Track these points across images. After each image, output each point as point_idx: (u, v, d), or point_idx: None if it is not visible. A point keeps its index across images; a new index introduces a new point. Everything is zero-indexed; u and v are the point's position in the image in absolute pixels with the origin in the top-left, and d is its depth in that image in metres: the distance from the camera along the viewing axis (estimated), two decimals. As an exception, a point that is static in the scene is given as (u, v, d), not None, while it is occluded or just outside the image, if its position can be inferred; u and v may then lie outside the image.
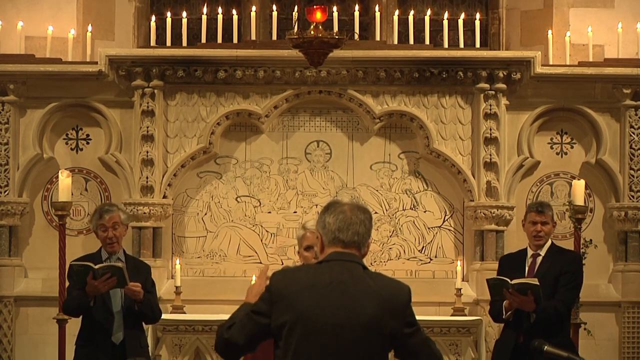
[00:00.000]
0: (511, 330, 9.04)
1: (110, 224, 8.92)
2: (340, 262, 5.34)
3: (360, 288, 5.31)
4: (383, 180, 11.24)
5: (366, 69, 10.98)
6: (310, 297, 5.27)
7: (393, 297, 5.36)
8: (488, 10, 11.91)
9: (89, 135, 11.21)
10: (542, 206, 9.15)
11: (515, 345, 8.92)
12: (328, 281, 5.30)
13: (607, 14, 11.34)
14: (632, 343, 10.99)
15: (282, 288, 5.31)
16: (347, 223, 5.36)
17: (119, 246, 9.00)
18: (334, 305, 5.25)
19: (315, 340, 5.24)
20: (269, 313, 5.29)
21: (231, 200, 11.23)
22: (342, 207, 5.40)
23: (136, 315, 8.92)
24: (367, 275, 5.38)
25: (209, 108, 11.07)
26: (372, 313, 5.26)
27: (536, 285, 8.71)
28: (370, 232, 5.41)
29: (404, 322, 5.34)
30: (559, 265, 9.05)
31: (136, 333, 8.94)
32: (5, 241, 11.02)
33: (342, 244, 5.35)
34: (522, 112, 11.12)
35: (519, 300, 8.78)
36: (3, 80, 10.96)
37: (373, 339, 5.27)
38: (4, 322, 10.95)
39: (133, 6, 11.83)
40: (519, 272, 8.97)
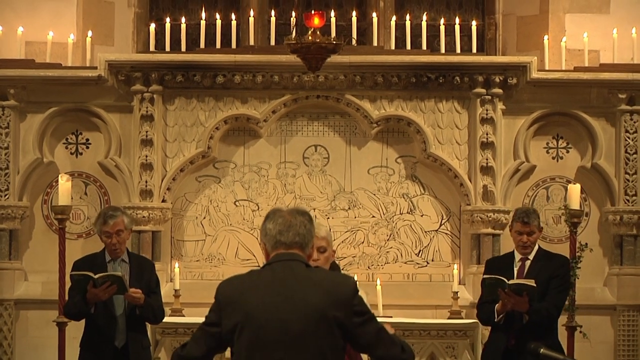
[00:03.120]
0: (501, 333, 9.05)
1: (114, 230, 8.93)
2: (281, 262, 5.40)
3: (303, 283, 5.37)
4: (380, 185, 11.24)
5: (363, 74, 10.99)
6: (255, 297, 5.33)
7: (336, 288, 5.39)
8: (484, 15, 11.92)
9: (88, 140, 11.22)
10: (527, 217, 9.15)
11: (506, 347, 8.94)
12: (270, 280, 5.37)
13: (602, 20, 11.35)
14: (628, 346, 11.01)
15: (227, 294, 5.40)
16: (287, 226, 5.44)
17: (122, 251, 9.02)
18: (278, 301, 5.30)
19: (264, 337, 5.29)
20: (219, 322, 5.38)
21: (230, 204, 11.24)
22: (281, 213, 5.49)
23: (138, 318, 8.94)
24: (309, 271, 5.45)
25: (207, 113, 11.08)
26: (315, 304, 5.30)
27: (533, 287, 8.72)
28: (312, 232, 5.48)
29: (352, 311, 5.34)
30: (549, 269, 9.08)
31: (138, 336, 8.97)
32: (5, 245, 11.03)
33: (284, 246, 5.42)
34: (518, 117, 11.14)
35: (514, 301, 8.79)
36: (3, 85, 10.98)
37: (320, 331, 5.30)
38: (4, 325, 10.98)
39: (132, 12, 11.85)
40: (507, 275, 8.98)
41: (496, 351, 9.06)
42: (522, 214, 9.23)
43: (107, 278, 8.72)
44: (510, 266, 9.15)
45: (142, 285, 8.84)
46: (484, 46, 11.77)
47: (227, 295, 5.39)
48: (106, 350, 8.81)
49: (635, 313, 11.03)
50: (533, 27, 11.58)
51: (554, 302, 9.02)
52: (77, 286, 8.80)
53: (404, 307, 10.55)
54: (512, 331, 8.93)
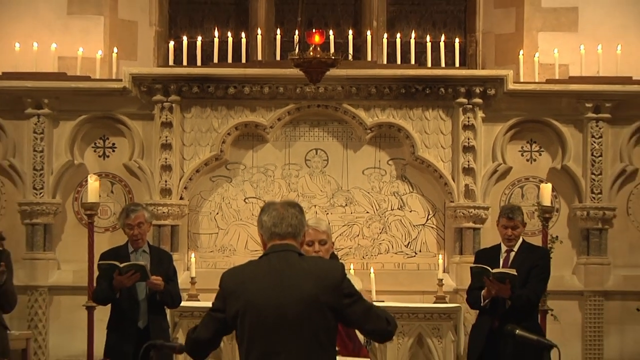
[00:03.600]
0: (487, 316, 9.03)
1: (135, 222, 8.96)
2: (276, 253, 5.40)
3: (296, 271, 5.36)
4: (374, 184, 11.25)
5: (359, 85, 10.99)
6: (254, 286, 5.33)
7: (326, 274, 5.39)
8: (466, 33, 11.88)
9: (114, 144, 11.23)
10: (512, 213, 9.16)
11: (491, 329, 8.94)
12: (267, 270, 5.36)
13: (571, 38, 11.31)
14: (593, 327, 11.02)
15: (230, 284, 5.40)
16: (280, 218, 5.44)
17: (143, 241, 9.05)
18: (274, 289, 5.30)
19: (263, 321, 5.29)
20: (224, 308, 5.37)
21: (240, 201, 11.25)
22: (274, 206, 5.49)
23: (158, 303, 9.00)
24: (302, 260, 5.45)
25: (220, 120, 11.08)
26: (308, 290, 5.30)
27: (514, 275, 8.74)
28: (303, 222, 5.48)
29: (341, 294, 5.35)
30: (530, 260, 9.05)
31: (158, 318, 8.98)
32: (40, 237, 11.05)
33: (279, 237, 5.42)
34: (496, 124, 11.13)
35: (497, 288, 8.80)
36: (38, 95, 10.98)
37: (313, 314, 5.30)
38: (39, 309, 10.99)
39: (153, 30, 11.81)
40: (494, 265, 8.98)
41: (482, 332, 9.04)
42: (508, 210, 9.25)
43: (131, 267, 8.76)
44: (497, 257, 9.13)
45: (161, 274, 8.83)
46: (466, 61, 11.73)
47: (230, 284, 5.40)
48: (130, 330, 8.82)
49: (600, 298, 11.02)
50: (509, 44, 11.54)
51: (534, 289, 9.01)
52: (104, 274, 8.84)
53: (394, 293, 10.54)
54: (496, 314, 8.90)
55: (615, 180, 11.15)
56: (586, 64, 11.18)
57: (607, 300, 11.06)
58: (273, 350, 5.29)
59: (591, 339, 11.01)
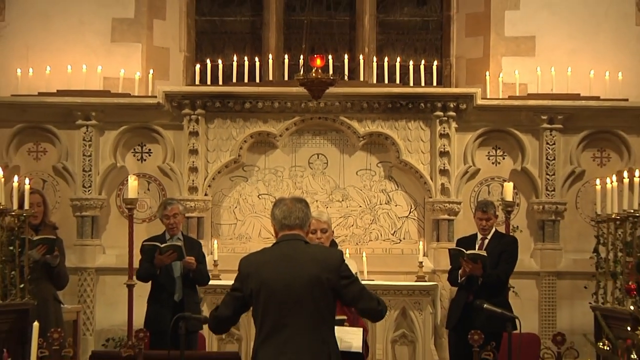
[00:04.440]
0: (463, 292, 9.06)
1: (171, 213, 9.03)
2: (286, 242, 5.44)
3: (303, 256, 5.39)
4: (365, 183, 11.25)
5: (353, 101, 10.99)
6: (267, 269, 5.36)
7: (327, 259, 5.42)
8: (442, 58, 11.86)
9: (150, 150, 11.24)
10: (486, 207, 9.22)
11: (466, 302, 8.96)
12: (279, 256, 5.40)
13: (529, 61, 11.28)
14: (548, 302, 11.03)
15: (247, 268, 5.43)
16: (289, 212, 5.46)
17: (178, 230, 9.10)
18: (284, 272, 5.33)
19: (274, 298, 5.32)
20: (241, 288, 5.41)
21: (254, 197, 11.25)
22: (284, 202, 5.52)
23: (191, 280, 9.02)
24: (307, 247, 5.48)
25: (238, 130, 11.07)
26: (312, 272, 5.33)
27: (484, 255, 8.79)
28: (308, 215, 5.52)
29: (340, 276, 5.38)
30: (501, 246, 9.10)
31: (191, 293, 9.03)
32: (88, 227, 11.07)
33: (288, 228, 5.45)
34: (467, 133, 11.12)
35: (471, 267, 8.83)
36: (87, 109, 10.98)
37: (316, 292, 5.33)
38: (87, 287, 11.00)
39: (183, 55, 11.80)
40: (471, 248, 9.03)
41: (459, 305, 9.08)
42: (482, 205, 9.29)
43: (170, 247, 8.82)
44: (474, 243, 9.16)
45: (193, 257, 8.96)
46: (442, 81, 11.70)
47: (247, 268, 5.43)
48: (168, 303, 8.87)
49: (553, 278, 11.03)
50: (478, 66, 11.52)
51: (503, 270, 9.04)
52: (147, 255, 8.89)
53: (383, 273, 10.53)
54: (471, 290, 8.94)
55: (566, 179, 11.13)
56: (542, 83, 11.19)
57: (559, 280, 11.06)
58: (283, 322, 5.32)
59: (546, 312, 11.02)
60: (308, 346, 5.32)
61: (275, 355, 5.30)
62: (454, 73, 11.78)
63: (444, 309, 10.42)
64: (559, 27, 11.30)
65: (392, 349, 10.38)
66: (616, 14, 11.29)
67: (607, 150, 11.21)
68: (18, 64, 11.16)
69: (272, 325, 5.33)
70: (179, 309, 8.60)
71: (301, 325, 5.32)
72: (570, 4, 11.30)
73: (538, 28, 11.34)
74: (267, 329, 5.35)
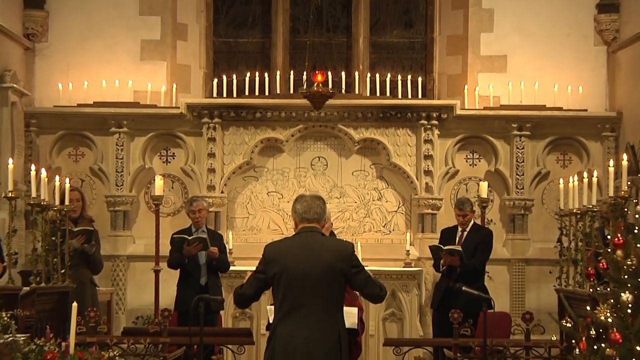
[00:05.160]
0: (445, 278, 9.13)
1: (197, 209, 9.09)
2: (305, 233, 5.46)
3: (319, 247, 5.42)
4: (360, 182, 11.25)
5: (349, 111, 11.00)
6: (288, 256, 5.39)
7: (340, 250, 5.45)
8: (426, 74, 11.82)
9: (174, 153, 11.23)
10: (462, 205, 9.26)
11: (447, 287, 9.01)
12: (299, 245, 5.43)
13: (501, 77, 11.25)
14: (518, 285, 11.04)
15: (271, 254, 5.46)
16: (309, 207, 5.49)
17: (202, 223, 9.14)
18: (304, 259, 5.36)
19: (294, 282, 5.35)
20: (265, 271, 5.44)
21: (264, 194, 11.25)
22: (305, 198, 5.55)
23: (214, 267, 9.05)
24: (323, 238, 5.53)
25: (249, 136, 11.08)
26: (327, 261, 5.36)
27: (459, 250, 8.82)
28: (325, 211, 5.55)
29: (350, 265, 5.41)
30: (478, 237, 9.15)
31: (214, 277, 9.11)
32: (121, 220, 11.08)
33: (307, 221, 5.48)
34: (447, 139, 11.12)
35: (449, 259, 8.87)
36: (119, 118, 11.00)
37: (330, 277, 5.37)
38: (119, 272, 11.01)
39: (202, 72, 11.78)
40: (452, 240, 9.09)
41: (441, 288, 9.19)
42: (459, 203, 9.33)
43: (196, 239, 8.88)
44: (455, 234, 9.24)
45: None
46: (426, 94, 11.66)
47: (271, 254, 5.46)
48: (195, 286, 8.93)
49: (522, 264, 11.04)
50: (457, 81, 11.50)
51: (479, 260, 9.09)
52: (176, 246, 8.94)
53: (375, 260, 10.44)
54: (452, 277, 9.00)
55: (533, 179, 11.14)
56: (512, 96, 11.17)
57: (527, 266, 11.06)
58: (300, 303, 5.36)
59: (516, 293, 11.02)
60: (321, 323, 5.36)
61: (293, 330, 5.34)
62: (436, 87, 11.77)
63: (428, 291, 10.44)
64: (528, 48, 11.29)
65: (383, 326, 10.39)
66: (577, 35, 11.29)
67: (569, 154, 11.22)
68: (59, 79, 11.16)
69: (291, 304, 5.37)
70: (204, 291, 8.69)
71: (316, 306, 5.35)
72: (537, 27, 11.29)
73: (509, 48, 11.33)
74: (286, 308, 5.38)
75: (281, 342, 5.37)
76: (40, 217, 7.73)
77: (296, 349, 5.32)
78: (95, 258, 8.72)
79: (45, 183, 7.70)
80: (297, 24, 11.94)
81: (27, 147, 10.89)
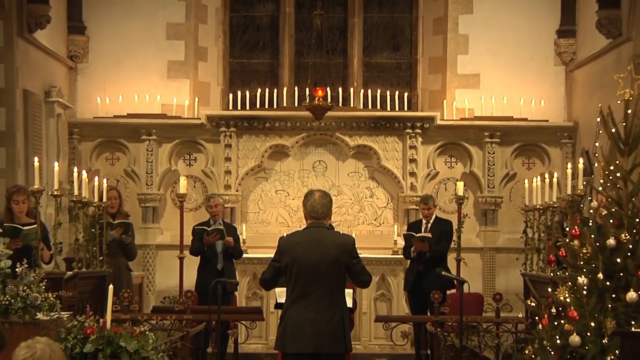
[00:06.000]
0: (415, 263, 9.06)
1: (214, 204, 9.05)
2: (314, 228, 5.43)
3: (326, 240, 5.39)
4: (354, 182, 11.23)
5: (345, 122, 11.00)
6: (300, 248, 5.36)
7: (344, 243, 5.43)
8: (411, 90, 11.80)
9: (196, 158, 11.22)
10: (427, 200, 9.24)
11: (418, 270, 8.99)
12: (309, 238, 5.39)
13: (475, 92, 11.24)
14: (489, 269, 11.04)
15: (285, 245, 5.44)
16: (318, 204, 5.45)
17: (219, 217, 9.10)
18: (313, 251, 5.33)
19: (304, 271, 5.33)
20: (279, 260, 5.42)
21: (273, 192, 11.24)
22: (314, 196, 5.49)
23: (229, 254, 9.02)
24: (330, 233, 5.50)
25: (260, 143, 11.07)
26: (333, 254, 5.34)
27: (429, 237, 8.80)
28: (331, 208, 5.50)
29: (351, 257, 5.41)
30: (441, 227, 9.11)
31: (229, 263, 9.05)
32: (150, 214, 11.09)
33: (316, 216, 5.43)
34: (429, 145, 11.11)
35: (420, 245, 8.85)
36: (149, 127, 11.01)
37: (335, 268, 5.35)
38: (150, 259, 11.02)
39: (220, 88, 11.74)
40: (419, 230, 9.05)
41: (412, 272, 9.10)
42: (424, 199, 9.31)
43: (214, 230, 8.84)
44: (420, 226, 9.19)
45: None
46: (411, 107, 11.65)
47: (284, 246, 5.44)
48: (212, 270, 8.87)
49: (493, 252, 11.03)
50: (438, 96, 11.47)
51: (444, 246, 9.05)
52: (198, 236, 8.91)
53: (367, 249, 10.36)
54: (421, 262, 8.98)
55: (502, 180, 11.14)
56: (485, 109, 11.17)
57: (497, 253, 11.06)
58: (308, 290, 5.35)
59: (488, 277, 11.02)
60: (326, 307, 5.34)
61: (301, 314, 5.33)
62: (419, 101, 11.76)
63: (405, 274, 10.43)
64: (498, 67, 11.29)
65: (374, 305, 10.38)
66: (540, 57, 11.29)
67: (533, 158, 11.21)
68: (98, 94, 11.16)
69: (301, 290, 5.35)
70: (220, 275, 8.65)
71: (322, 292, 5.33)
72: (505, 50, 11.28)
73: (482, 68, 11.32)
74: (296, 293, 5.36)
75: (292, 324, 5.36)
76: (82, 212, 7.77)
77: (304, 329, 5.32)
78: (130, 247, 8.71)
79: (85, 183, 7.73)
80: (301, 47, 11.94)
81: (70, 152, 10.91)
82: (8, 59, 9.13)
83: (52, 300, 5.48)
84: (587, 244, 4.88)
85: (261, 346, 9.93)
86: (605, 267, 4.77)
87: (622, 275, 4.75)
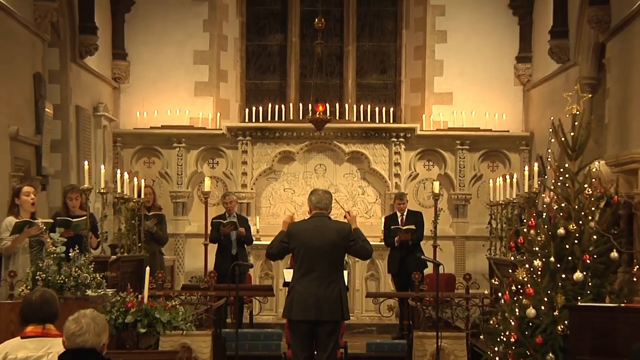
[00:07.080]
0: (397, 250, 9.01)
1: (228, 201, 9.02)
2: (317, 217, 5.44)
3: (327, 227, 5.40)
4: (349, 182, 11.21)
5: (342, 132, 10.99)
6: (306, 234, 5.36)
7: (342, 230, 5.43)
8: (396, 105, 11.80)
9: (218, 162, 11.20)
10: (401, 196, 9.23)
11: (400, 256, 8.96)
12: (313, 226, 5.41)
13: (449, 107, 11.21)
14: (460, 254, 11.01)
15: (293, 230, 5.45)
16: (321, 198, 5.48)
17: (233, 210, 9.08)
18: (316, 237, 5.34)
19: (309, 254, 5.33)
20: (288, 242, 5.41)
21: (281, 191, 11.22)
22: (318, 192, 5.54)
23: (242, 242, 9.00)
24: (330, 221, 5.49)
25: (271, 149, 11.06)
26: (333, 239, 5.35)
27: (413, 229, 8.77)
28: (331, 202, 5.51)
29: (349, 240, 5.40)
30: (413, 219, 9.09)
31: (242, 250, 9.02)
32: (180, 208, 11.06)
33: (319, 208, 5.46)
34: (411, 151, 11.08)
35: (404, 236, 8.83)
36: (179, 137, 11.00)
37: (335, 251, 5.36)
38: (180, 245, 10.97)
39: (238, 104, 11.76)
40: (395, 223, 9.03)
41: (396, 258, 9.06)
42: (398, 196, 9.31)
43: (229, 222, 8.81)
44: (396, 218, 9.17)
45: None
46: (396, 119, 11.64)
47: (293, 231, 5.43)
48: (228, 255, 8.84)
49: (463, 239, 10.99)
50: (418, 110, 11.46)
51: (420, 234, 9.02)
52: (215, 226, 8.88)
53: None
54: (402, 248, 8.97)
55: (471, 180, 11.12)
56: (457, 121, 11.15)
57: (467, 241, 11.03)
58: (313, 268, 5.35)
59: (459, 260, 11.00)
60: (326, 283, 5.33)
61: (307, 288, 5.33)
62: (403, 115, 11.75)
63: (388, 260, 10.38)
64: (467, 87, 11.29)
65: (365, 283, 10.38)
66: (502, 78, 11.29)
67: (496, 162, 11.19)
68: (137, 108, 11.17)
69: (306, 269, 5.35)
70: (234, 259, 8.62)
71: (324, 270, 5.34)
72: (474, 73, 11.28)
73: (454, 87, 11.31)
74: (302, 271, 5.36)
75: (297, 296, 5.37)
76: (124, 207, 7.82)
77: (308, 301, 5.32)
78: (159, 236, 8.70)
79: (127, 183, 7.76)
80: (304, 71, 11.94)
81: (114, 157, 10.90)
82: (63, 80, 9.29)
83: (99, 280, 5.49)
84: (541, 233, 4.91)
85: (272, 317, 9.93)
86: (556, 252, 4.79)
87: (570, 259, 4.78)
